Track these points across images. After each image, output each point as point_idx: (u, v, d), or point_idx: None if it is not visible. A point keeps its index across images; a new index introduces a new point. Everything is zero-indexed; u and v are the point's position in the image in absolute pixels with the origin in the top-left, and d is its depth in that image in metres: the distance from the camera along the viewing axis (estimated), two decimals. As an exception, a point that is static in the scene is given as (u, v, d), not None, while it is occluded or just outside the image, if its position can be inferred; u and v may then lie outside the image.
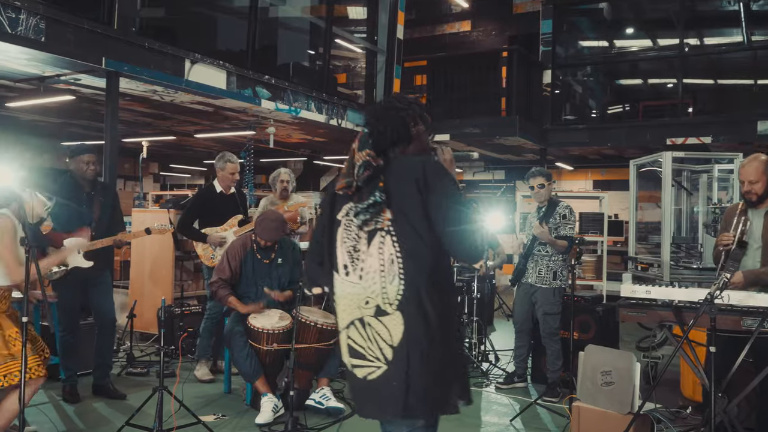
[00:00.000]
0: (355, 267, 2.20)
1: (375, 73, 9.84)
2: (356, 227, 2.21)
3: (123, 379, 5.32)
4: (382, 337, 2.15)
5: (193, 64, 6.57)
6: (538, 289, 5.20)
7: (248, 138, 9.06)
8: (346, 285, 2.22)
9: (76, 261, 4.66)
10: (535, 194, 5.28)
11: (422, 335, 2.14)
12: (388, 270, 2.15)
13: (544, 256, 5.17)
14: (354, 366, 2.21)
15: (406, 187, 2.17)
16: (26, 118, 9.32)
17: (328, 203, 2.34)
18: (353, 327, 2.20)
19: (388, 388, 2.14)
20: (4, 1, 4.91)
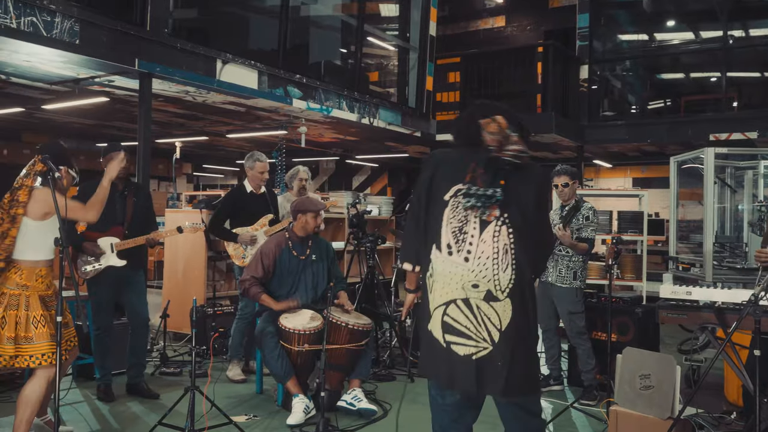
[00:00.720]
0: (460, 248, 2.37)
1: (407, 70, 9.84)
2: (463, 209, 2.38)
3: (156, 378, 5.41)
4: (492, 321, 2.35)
5: (225, 64, 6.65)
6: (558, 289, 5.15)
7: (280, 138, 9.14)
8: (448, 264, 2.38)
9: (109, 260, 4.76)
10: (560, 193, 5.23)
11: (525, 323, 2.40)
12: (502, 258, 2.35)
13: (564, 256, 5.12)
14: (452, 343, 2.37)
15: (528, 191, 2.41)
16: (62, 120, 9.56)
17: (428, 181, 2.46)
18: (454, 306, 2.37)
19: (492, 368, 2.35)
20: (40, 4, 5.04)
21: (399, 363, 5.92)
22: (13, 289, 3.44)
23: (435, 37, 10.01)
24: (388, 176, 14.79)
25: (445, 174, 2.45)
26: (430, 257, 2.43)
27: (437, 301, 2.40)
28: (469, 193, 2.37)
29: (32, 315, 3.45)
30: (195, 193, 12.12)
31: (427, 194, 2.46)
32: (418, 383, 5.51)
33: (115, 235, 4.79)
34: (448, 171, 2.47)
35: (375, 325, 5.69)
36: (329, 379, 4.55)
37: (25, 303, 3.44)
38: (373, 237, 5.97)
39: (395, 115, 9.26)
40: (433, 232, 2.43)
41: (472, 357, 2.35)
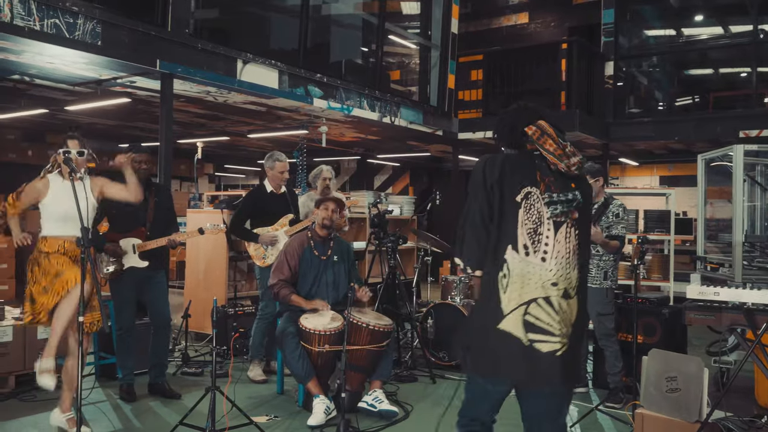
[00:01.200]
0: (537, 249, 2.50)
1: (429, 68, 9.82)
2: (536, 211, 2.52)
3: (178, 378, 5.46)
4: (569, 317, 2.53)
5: (246, 64, 6.69)
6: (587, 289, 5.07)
7: (301, 137, 9.18)
8: (525, 264, 2.49)
9: (131, 261, 4.81)
10: None
11: (585, 319, 2.65)
12: (572, 258, 2.55)
13: (594, 255, 5.06)
14: (534, 341, 2.47)
15: (586, 197, 2.61)
16: (85, 120, 9.69)
17: (498, 184, 2.53)
18: (536, 305, 2.48)
19: (570, 362, 2.52)
20: (62, 6, 5.12)
21: (421, 364, 5.91)
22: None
23: (457, 34, 9.98)
24: (410, 175, 14.78)
25: (513, 176, 2.55)
26: (504, 258, 2.50)
27: (515, 301, 2.48)
28: (552, 201, 2.52)
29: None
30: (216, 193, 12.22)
31: (500, 196, 2.54)
32: (440, 384, 5.51)
33: (136, 236, 4.85)
34: (515, 173, 2.56)
35: (396, 326, 5.69)
36: (350, 380, 4.55)
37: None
38: (395, 237, 5.97)
39: (417, 113, 9.24)
40: (508, 233, 2.51)
41: (556, 353, 2.48)
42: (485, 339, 2.53)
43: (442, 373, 5.76)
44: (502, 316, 2.49)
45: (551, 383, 2.52)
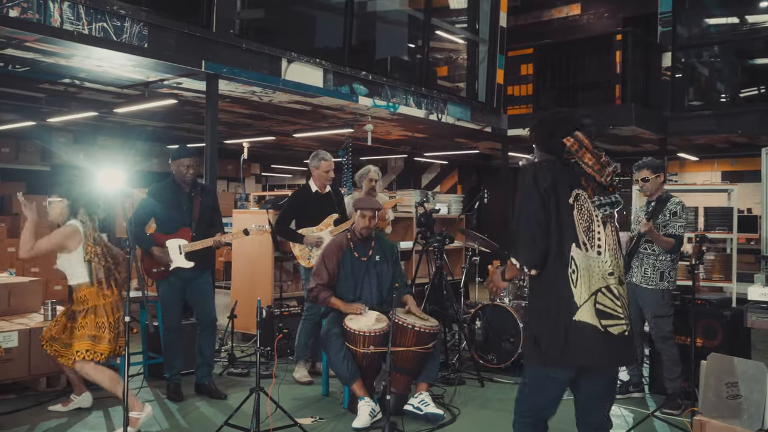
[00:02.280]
0: (593, 244, 2.82)
1: (477, 64, 9.76)
2: (587, 210, 2.84)
3: (224, 379, 5.57)
4: (625, 301, 2.87)
5: (290, 63, 6.77)
6: (643, 290, 4.96)
7: (346, 136, 9.23)
8: (587, 259, 2.80)
9: (177, 261, 4.93)
10: (641, 188, 5.07)
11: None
12: (617, 250, 2.90)
13: (650, 254, 4.93)
14: (608, 326, 2.79)
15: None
16: (134, 123, 9.98)
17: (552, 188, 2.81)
18: (602, 294, 2.80)
19: (632, 341, 2.89)
20: (110, 10, 5.28)
21: (468, 367, 5.88)
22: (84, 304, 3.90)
23: (506, 28, 9.88)
24: (458, 173, 14.70)
25: (563, 181, 2.86)
26: (571, 255, 2.80)
27: (586, 293, 2.78)
28: (602, 204, 2.86)
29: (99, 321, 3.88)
30: (263, 193, 12.40)
31: (556, 199, 2.82)
32: (488, 387, 5.47)
33: (183, 237, 4.96)
34: (564, 178, 2.87)
35: (443, 327, 5.67)
36: (395, 382, 4.56)
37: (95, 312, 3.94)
38: (441, 237, 5.95)
39: (464, 110, 9.19)
40: (569, 233, 2.82)
41: (625, 334, 2.81)
42: (561, 332, 2.78)
43: (490, 376, 5.72)
44: (577, 308, 2.78)
45: (623, 362, 3.01)
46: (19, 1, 4.77)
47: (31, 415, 4.54)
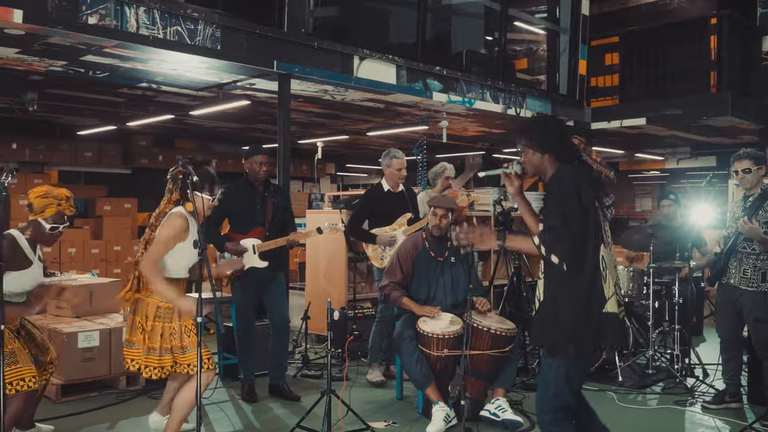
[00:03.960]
0: (606, 241, 3.13)
1: (558, 55, 9.56)
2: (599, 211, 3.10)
3: (298, 381, 5.69)
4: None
5: (362, 61, 6.84)
6: (743, 293, 4.73)
7: (420, 133, 9.24)
8: (608, 255, 3.11)
9: (251, 261, 5.07)
10: (740, 180, 4.82)
11: None
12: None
13: (750, 254, 4.69)
14: (622, 312, 3.18)
15: None
16: (209, 125, 10.32)
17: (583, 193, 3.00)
18: (616, 286, 3.16)
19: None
20: (184, 13, 5.49)
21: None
22: (164, 302, 3.74)
23: (588, 16, 9.64)
24: (539, 170, 14.44)
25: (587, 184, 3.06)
26: (601, 253, 3.04)
27: (612, 286, 3.08)
28: (609, 205, 3.16)
29: (183, 325, 3.76)
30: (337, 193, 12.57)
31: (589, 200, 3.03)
32: (571, 395, 5.35)
33: (256, 237, 5.10)
34: (586, 181, 3.07)
35: (521, 331, 5.59)
36: (471, 387, 4.54)
37: (178, 313, 3.75)
38: (519, 236, 5.86)
39: (544, 103, 9.03)
40: (597, 233, 3.05)
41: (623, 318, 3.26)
42: (591, 323, 3.02)
43: (573, 383, 5.60)
44: (606, 300, 3.05)
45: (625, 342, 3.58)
46: (98, 8, 5.03)
47: (111, 412, 4.77)
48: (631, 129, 9.85)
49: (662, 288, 6.07)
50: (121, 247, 9.97)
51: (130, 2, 5.18)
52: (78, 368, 5.05)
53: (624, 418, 4.84)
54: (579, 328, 2.99)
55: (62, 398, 4.97)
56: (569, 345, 2.98)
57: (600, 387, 5.52)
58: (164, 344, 3.72)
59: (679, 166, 13.75)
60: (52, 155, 10.64)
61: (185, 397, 3.76)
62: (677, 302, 5.80)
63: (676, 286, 5.81)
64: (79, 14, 4.95)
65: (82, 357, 5.07)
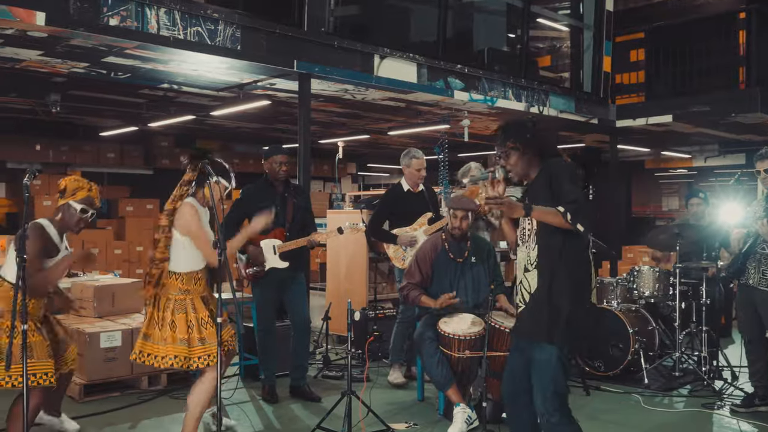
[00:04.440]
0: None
1: (581, 51, 9.50)
2: None
3: (319, 381, 5.71)
4: None
5: (383, 59, 6.85)
6: (762, 293, 4.68)
7: (441, 132, 9.22)
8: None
9: (272, 262, 5.09)
10: (763, 180, 4.77)
11: None
12: None
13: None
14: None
15: None
16: (230, 125, 10.41)
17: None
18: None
19: None
20: (204, 14, 5.54)
21: (573, 373, 5.72)
22: (177, 294, 3.80)
23: (612, 12, 9.56)
24: (563, 169, 14.34)
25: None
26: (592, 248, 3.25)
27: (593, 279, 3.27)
28: None
29: (200, 316, 3.81)
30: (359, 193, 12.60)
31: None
32: (595, 396, 5.32)
33: (277, 237, 5.12)
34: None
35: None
36: (493, 389, 4.51)
37: (192, 306, 3.81)
38: (541, 236, 5.83)
39: (568, 101, 8.98)
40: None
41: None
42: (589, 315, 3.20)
43: (597, 384, 5.56)
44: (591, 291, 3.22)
45: None
46: (119, 9, 5.10)
47: (133, 412, 4.83)
48: (657, 127, 9.76)
49: (689, 289, 6.00)
50: (144, 248, 10.08)
51: (151, 3, 5.24)
52: (100, 368, 5.11)
53: (650, 421, 4.79)
54: (580, 309, 3.12)
55: (85, 398, 5.03)
56: (572, 326, 3.07)
57: (625, 389, 5.48)
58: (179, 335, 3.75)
59: (707, 164, 13.57)
60: (75, 156, 10.80)
61: (202, 390, 3.80)
62: (704, 303, 5.74)
63: (703, 286, 5.74)
64: (100, 16, 5.02)
65: (105, 357, 5.13)
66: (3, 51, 5.73)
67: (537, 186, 3.22)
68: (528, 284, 3.21)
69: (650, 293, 6.05)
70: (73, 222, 3.85)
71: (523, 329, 3.26)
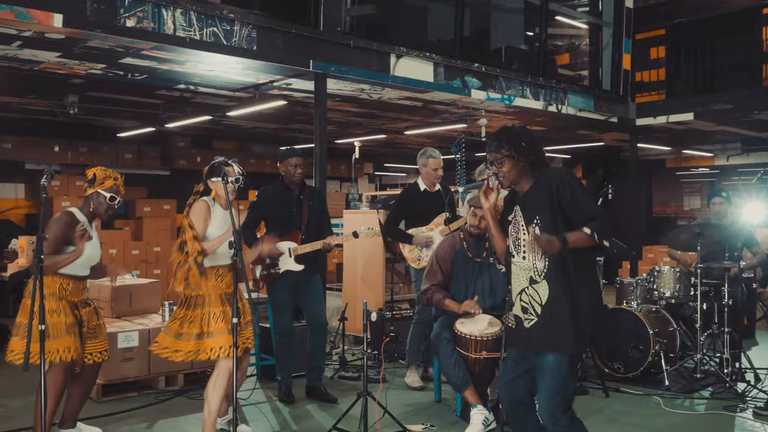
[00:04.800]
0: None
1: (600, 49, 9.43)
2: None
3: (336, 382, 5.72)
4: None
5: (399, 59, 6.85)
6: None
7: (459, 132, 9.21)
8: None
9: (287, 264, 5.11)
10: None
11: None
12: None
13: None
14: None
15: None
16: (247, 125, 10.46)
17: None
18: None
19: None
20: (220, 14, 5.57)
21: (592, 375, 5.70)
22: (196, 290, 3.93)
23: (632, 9, 9.49)
24: (582, 168, 14.27)
25: None
26: None
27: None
28: None
29: (212, 311, 3.94)
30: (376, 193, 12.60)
31: None
32: (615, 398, 5.28)
33: (293, 240, 5.13)
34: None
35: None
36: (510, 390, 4.50)
37: (208, 301, 3.94)
38: (560, 236, 5.79)
39: (586, 99, 8.92)
40: None
41: None
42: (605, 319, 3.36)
43: (616, 386, 5.53)
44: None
45: None
46: (135, 11, 5.14)
47: (150, 413, 4.87)
48: (678, 125, 9.67)
49: (710, 289, 5.93)
50: (161, 248, 10.15)
51: (167, 4, 5.28)
52: (117, 368, 5.16)
53: (670, 423, 4.75)
54: (596, 317, 3.19)
55: (102, 398, 5.08)
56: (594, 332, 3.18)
57: (645, 391, 5.44)
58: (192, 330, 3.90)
59: (730, 162, 13.43)
60: (94, 157, 10.90)
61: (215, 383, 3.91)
62: (726, 304, 5.67)
63: (726, 287, 5.68)
64: (117, 17, 5.06)
65: (122, 357, 5.18)
66: (22, 53, 5.80)
67: (534, 197, 3.21)
68: (538, 296, 3.17)
69: (671, 294, 5.99)
70: (103, 210, 4.06)
71: (534, 341, 3.18)
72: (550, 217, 3.12)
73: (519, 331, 3.26)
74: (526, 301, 3.20)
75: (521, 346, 3.28)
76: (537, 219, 3.16)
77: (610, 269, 9.00)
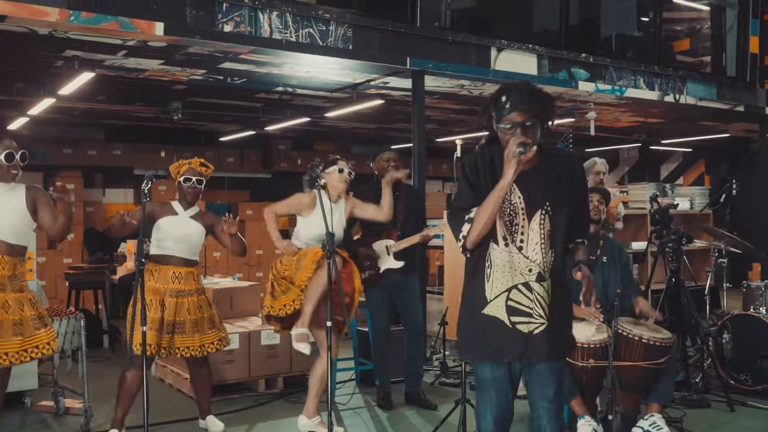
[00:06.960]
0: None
1: (724, 32, 8.97)
2: None
3: (436, 388, 5.73)
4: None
5: (500, 52, 6.79)
6: None
7: (566, 126, 9.01)
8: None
9: (387, 263, 5.17)
10: None
11: None
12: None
13: None
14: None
15: None
16: (346, 126, 10.65)
17: None
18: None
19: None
20: (315, 15, 5.72)
21: (715, 387, 5.44)
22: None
23: (760, -14, 8.99)
24: (705, 162, 13.60)
25: None
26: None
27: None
28: None
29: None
30: (479, 193, 12.53)
31: None
32: (740, 413, 5.03)
33: (389, 238, 5.20)
34: None
35: (681, 341, 5.31)
36: (622, 401, 4.35)
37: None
38: (676, 235, 5.57)
39: (708, 87, 8.51)
40: None
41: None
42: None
43: (743, 399, 5.24)
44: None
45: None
46: (232, 15, 5.36)
47: (250, 415, 5.06)
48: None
49: None
50: (263, 251, 10.50)
51: (264, 8, 5.47)
52: (218, 370, 5.38)
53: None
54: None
55: (205, 399, 5.32)
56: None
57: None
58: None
59: None
60: (198, 162, 11.41)
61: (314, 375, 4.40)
62: None
63: None
64: (215, 23, 5.31)
65: (223, 359, 5.40)
66: (127, 62, 6.18)
67: (540, 177, 2.75)
68: (546, 295, 2.76)
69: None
70: (184, 194, 4.49)
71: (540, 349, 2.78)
72: (565, 207, 2.76)
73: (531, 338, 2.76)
74: (537, 301, 2.74)
75: (514, 356, 2.83)
76: (547, 205, 2.73)
77: (737, 272, 8.53)
